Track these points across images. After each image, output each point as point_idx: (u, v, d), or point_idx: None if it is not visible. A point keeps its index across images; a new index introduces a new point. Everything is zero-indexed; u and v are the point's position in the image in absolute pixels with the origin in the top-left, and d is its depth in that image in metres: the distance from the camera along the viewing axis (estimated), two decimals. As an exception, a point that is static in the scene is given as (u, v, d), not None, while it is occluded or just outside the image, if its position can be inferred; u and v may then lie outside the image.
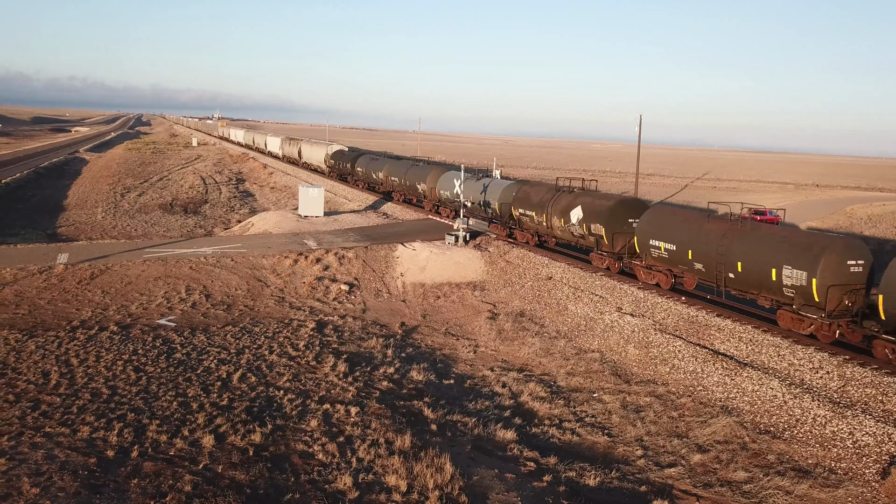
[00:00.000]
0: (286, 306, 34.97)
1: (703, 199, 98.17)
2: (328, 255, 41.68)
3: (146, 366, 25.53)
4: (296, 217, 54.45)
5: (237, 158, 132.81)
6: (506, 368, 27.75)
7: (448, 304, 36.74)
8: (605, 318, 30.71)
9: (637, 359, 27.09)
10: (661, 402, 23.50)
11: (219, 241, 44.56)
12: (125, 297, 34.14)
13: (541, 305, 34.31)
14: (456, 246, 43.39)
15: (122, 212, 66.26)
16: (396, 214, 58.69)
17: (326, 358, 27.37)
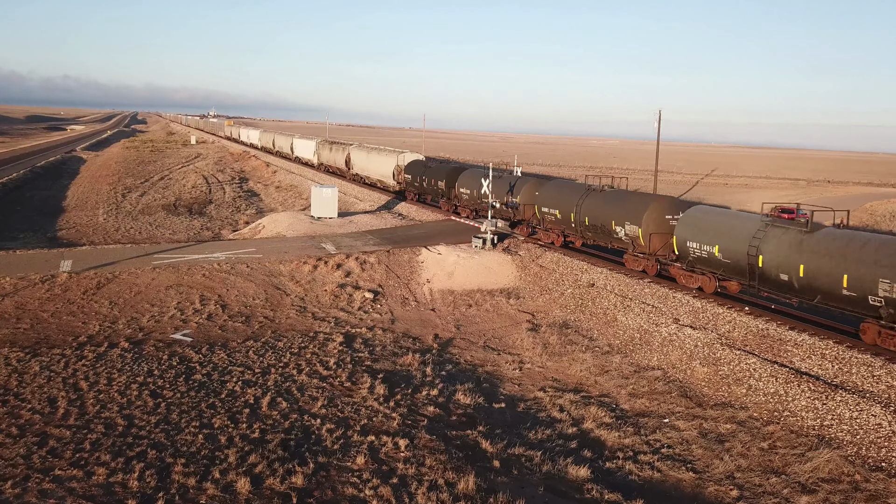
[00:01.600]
0: (309, 317, 32.37)
1: (721, 196, 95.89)
2: (349, 261, 39.07)
3: (164, 390, 22.93)
4: (308, 219, 51.80)
5: (238, 157, 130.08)
6: (559, 389, 25.18)
7: (481, 313, 34.16)
8: (661, 330, 28.14)
9: (706, 378, 24.54)
10: (746, 431, 20.94)
11: (231, 246, 41.92)
12: (135, 309, 31.51)
13: (586, 316, 31.75)
14: (484, 249, 40.79)
15: (125, 213, 63.54)
16: (412, 215, 56.08)
17: (361, 378, 24.79)
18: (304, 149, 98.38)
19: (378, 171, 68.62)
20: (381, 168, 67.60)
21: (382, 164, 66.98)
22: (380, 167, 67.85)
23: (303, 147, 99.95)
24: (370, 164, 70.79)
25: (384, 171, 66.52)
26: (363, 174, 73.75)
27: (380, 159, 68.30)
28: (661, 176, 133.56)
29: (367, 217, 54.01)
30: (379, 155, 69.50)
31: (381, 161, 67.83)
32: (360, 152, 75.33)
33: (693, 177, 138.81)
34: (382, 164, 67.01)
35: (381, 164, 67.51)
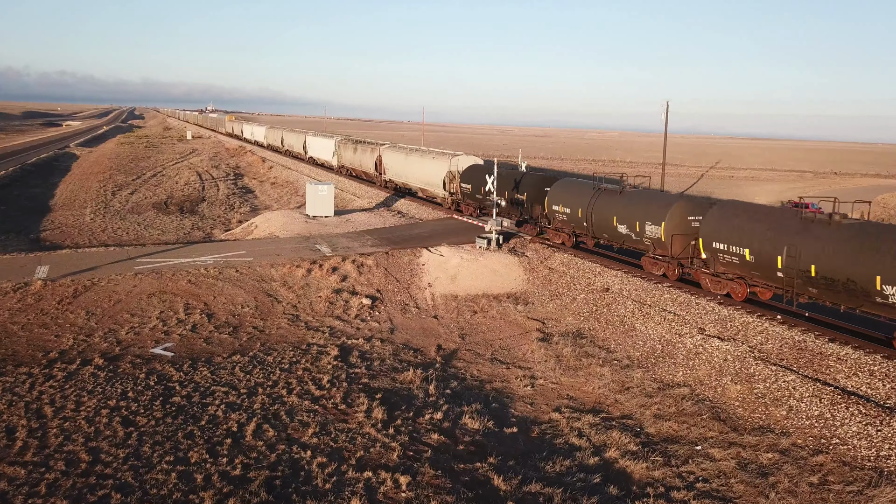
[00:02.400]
0: (302, 327, 29.98)
1: (728, 190, 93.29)
2: (345, 264, 36.66)
3: (137, 416, 20.56)
4: (303, 217, 49.40)
5: (234, 152, 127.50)
6: (576, 409, 22.80)
7: (488, 320, 31.78)
8: (685, 341, 25.75)
9: (740, 397, 22.15)
10: (791, 462, 18.56)
11: (220, 248, 39.49)
12: (113, 320, 29.12)
13: (601, 324, 29.35)
14: (489, 250, 38.39)
15: (113, 212, 61.07)
16: (413, 213, 53.64)
17: (358, 399, 22.41)
18: (321, 148, 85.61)
19: (422, 178, 55.58)
20: (426, 174, 54.65)
21: (429, 170, 54.08)
22: (424, 174, 55.01)
23: (319, 146, 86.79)
24: (410, 169, 58.16)
25: (431, 179, 53.48)
26: (400, 181, 61.47)
27: (425, 164, 55.14)
28: (665, 169, 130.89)
29: (365, 215, 51.59)
30: (424, 159, 55.89)
31: (426, 166, 54.73)
32: (396, 154, 62.25)
33: (697, 169, 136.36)
34: (429, 169, 54.07)
35: (426, 170, 54.68)
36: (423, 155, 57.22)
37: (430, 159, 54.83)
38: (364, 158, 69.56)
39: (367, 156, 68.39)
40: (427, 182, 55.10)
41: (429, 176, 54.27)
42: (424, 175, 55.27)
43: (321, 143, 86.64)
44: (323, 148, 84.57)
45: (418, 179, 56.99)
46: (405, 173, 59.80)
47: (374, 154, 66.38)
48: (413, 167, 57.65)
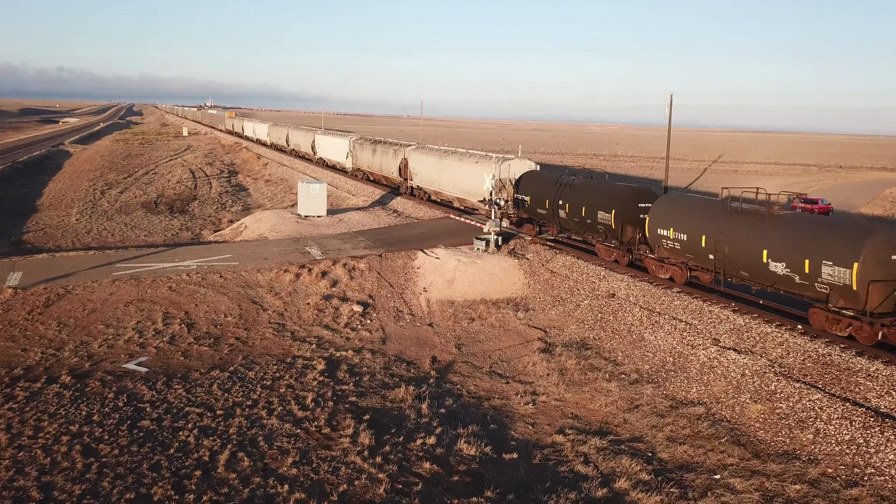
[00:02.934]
0: (287, 337, 28.13)
1: (734, 184, 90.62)
2: (336, 267, 34.80)
3: (100, 443, 18.71)
4: (295, 217, 47.53)
5: (229, 149, 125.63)
6: (581, 430, 20.95)
7: (486, 329, 29.92)
8: (699, 353, 23.89)
9: (761, 418, 20.29)
10: (823, 496, 16.69)
11: (205, 252, 37.60)
12: (87, 331, 27.28)
13: (607, 333, 27.49)
14: (487, 252, 36.52)
15: (100, 212, 59.16)
16: (409, 212, 51.77)
17: (344, 421, 20.58)
18: (333, 149, 76.66)
19: (461, 186, 46.84)
20: (466, 182, 45.81)
21: (470, 177, 45.07)
22: (464, 181, 46.15)
23: (330, 146, 77.93)
24: (445, 175, 49.52)
25: (472, 189, 44.61)
26: (430, 189, 52.71)
27: (465, 169, 46.35)
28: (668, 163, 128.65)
29: (359, 214, 49.70)
30: (463, 163, 47.00)
31: (466, 172, 45.85)
32: (426, 157, 53.20)
33: (700, 163, 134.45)
34: (470, 176, 45.08)
35: (466, 177, 45.82)
36: (462, 158, 48.14)
37: (471, 164, 45.82)
38: (385, 161, 61.02)
39: (390, 158, 60.00)
40: (467, 191, 45.95)
41: (469, 184, 44.96)
42: (464, 183, 46.10)
43: (333, 142, 77.61)
44: (335, 148, 76.17)
45: (455, 188, 47.85)
46: (438, 180, 50.97)
47: (398, 156, 58.14)
48: (449, 173, 48.94)
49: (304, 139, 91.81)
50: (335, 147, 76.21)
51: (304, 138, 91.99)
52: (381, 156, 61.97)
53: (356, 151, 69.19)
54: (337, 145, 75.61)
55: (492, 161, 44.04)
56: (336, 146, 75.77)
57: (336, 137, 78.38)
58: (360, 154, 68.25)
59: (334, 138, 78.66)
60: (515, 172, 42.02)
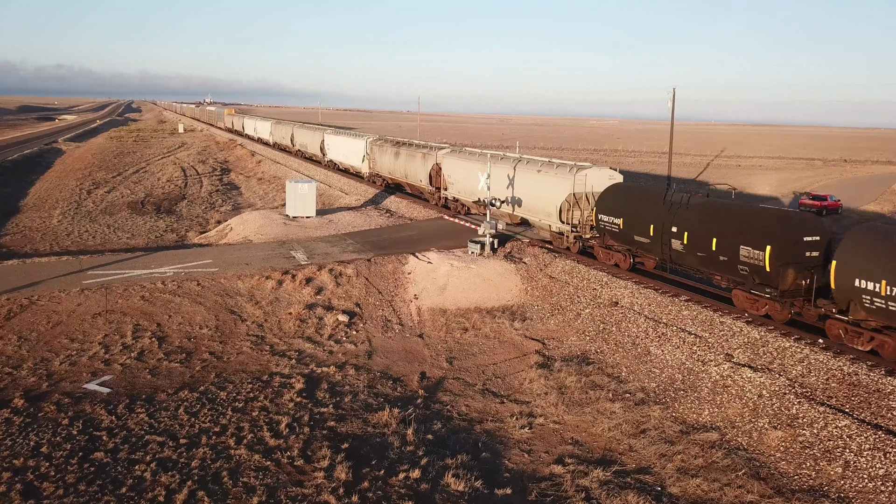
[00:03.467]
0: (266, 351, 26.14)
1: (737, 179, 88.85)
2: (322, 273, 32.79)
3: (45, 480, 16.76)
4: (283, 218, 45.51)
5: (224, 146, 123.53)
6: (582, 459, 18.94)
7: (480, 340, 27.90)
8: (710, 370, 21.87)
9: (782, 446, 18.27)
10: (857, 542, 14.67)
11: (184, 258, 35.56)
12: (49, 347, 25.29)
13: (610, 346, 25.46)
14: (482, 256, 34.49)
15: (84, 213, 57.15)
16: (402, 212, 49.76)
17: (319, 451, 18.58)
18: (346, 151, 68.12)
19: (527, 203, 37.52)
20: (528, 195, 37.31)
21: (533, 189, 36.64)
22: (532, 197, 36.90)
23: (343, 148, 69.29)
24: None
25: (542, 205, 35.79)
26: (471, 200, 43.17)
27: (529, 181, 37.11)
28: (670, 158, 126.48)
29: (350, 215, 47.66)
30: (523, 172, 37.79)
31: (533, 184, 36.71)
32: (468, 165, 43.34)
33: (702, 158, 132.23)
34: (533, 188, 36.59)
35: (534, 190, 36.59)
36: (521, 166, 38.45)
37: (532, 173, 37.10)
38: (412, 167, 52.15)
39: (418, 164, 51.03)
40: (534, 209, 36.98)
41: (539, 200, 36.20)
42: (526, 196, 37.56)
43: (346, 143, 68.64)
44: (349, 150, 67.39)
45: (513, 203, 38.80)
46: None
47: (428, 162, 48.92)
48: (503, 183, 39.45)
49: (311, 139, 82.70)
50: (349, 149, 67.46)
51: (311, 138, 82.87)
52: (407, 161, 53.15)
53: (374, 154, 60.66)
54: (351, 147, 66.86)
55: (565, 171, 34.68)
56: (350, 148, 67.07)
57: (350, 138, 69.12)
58: (379, 157, 59.52)
59: (348, 139, 69.23)
60: (594, 185, 33.65)
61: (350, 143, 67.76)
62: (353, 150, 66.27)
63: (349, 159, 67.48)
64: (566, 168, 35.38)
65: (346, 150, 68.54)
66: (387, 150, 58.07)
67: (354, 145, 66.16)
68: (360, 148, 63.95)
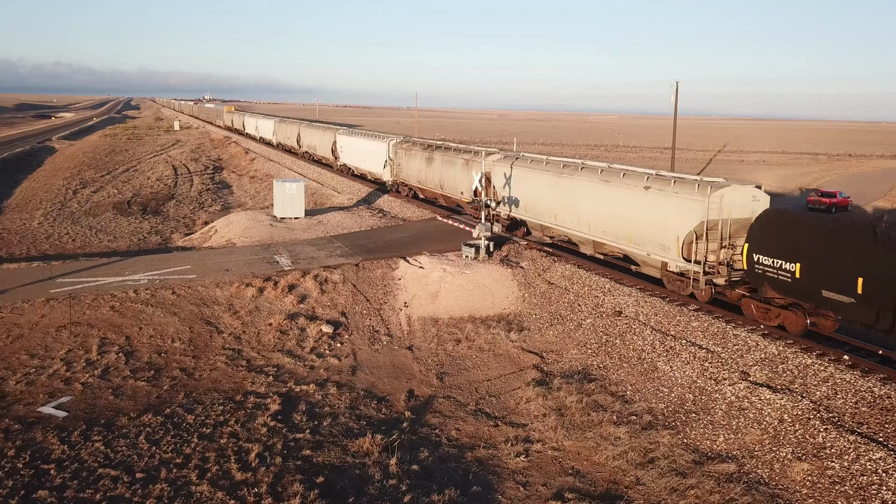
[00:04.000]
0: (242, 367, 24.18)
1: (743, 175, 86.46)
2: (306, 280, 30.83)
3: (-23, 526, 14.81)
4: (270, 220, 43.52)
5: (218, 143, 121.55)
6: (584, 494, 16.98)
7: (473, 353, 25.93)
8: (724, 390, 19.89)
9: (808, 481, 16.28)
10: None
11: (161, 263, 33.56)
12: (6, 364, 23.35)
13: (613, 360, 23.47)
14: (477, 260, 32.52)
15: (67, 215, 55.16)
16: (395, 211, 47.80)
17: (291, 487, 16.65)
18: (364, 154, 59.35)
19: (616, 226, 29.15)
20: (629, 220, 28.30)
21: (638, 213, 27.81)
22: (625, 218, 28.54)
23: (360, 151, 60.31)
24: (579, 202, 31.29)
25: (653, 235, 27.07)
26: (543, 222, 34.35)
27: (630, 201, 28.33)
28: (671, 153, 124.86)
29: (340, 215, 45.65)
30: (627, 190, 28.57)
31: (637, 206, 27.91)
32: (531, 175, 35.19)
33: (705, 153, 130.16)
34: (646, 213, 27.35)
35: (630, 212, 28.24)
36: (616, 180, 29.42)
37: (635, 190, 27.99)
38: (449, 175, 43.28)
39: (457, 171, 42.05)
40: (623, 234, 28.64)
41: (637, 223, 27.79)
42: (624, 220, 28.46)
43: (364, 146, 59.60)
44: (367, 153, 58.70)
45: (602, 228, 29.90)
46: (563, 211, 32.51)
47: (472, 170, 39.12)
48: (587, 201, 30.89)
49: (321, 140, 74.44)
50: (367, 152, 58.42)
51: (321, 139, 74.62)
52: (443, 168, 44.15)
53: (399, 159, 51.92)
54: (370, 150, 57.87)
55: (691, 189, 25.70)
56: (368, 151, 58.18)
57: (368, 140, 59.44)
58: (405, 163, 50.68)
59: (366, 141, 59.76)
60: (731, 208, 24.54)
61: (368, 146, 58.48)
62: (373, 153, 57.06)
63: (367, 164, 58.68)
64: (693, 185, 25.83)
65: (364, 153, 59.44)
66: (415, 156, 48.81)
67: (374, 148, 56.95)
68: (382, 151, 54.88)
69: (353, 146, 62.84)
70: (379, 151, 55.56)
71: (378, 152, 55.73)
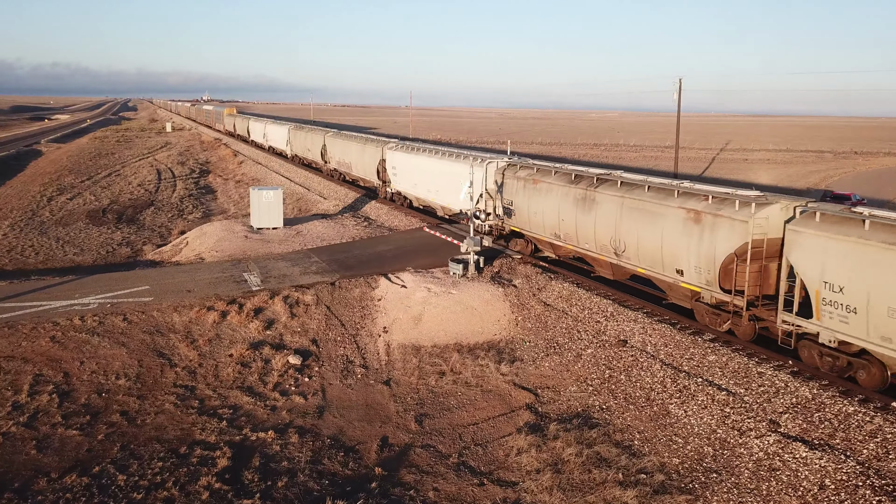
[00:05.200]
0: (193, 409, 21.10)
1: (748, 175, 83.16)
2: (274, 302, 27.74)
3: None
4: (245, 230, 40.43)
5: (208, 145, 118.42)
6: (586, 584, 13.84)
7: (459, 389, 22.83)
8: (751, 444, 16.80)
9: (862, 573, 13.19)
10: None
11: (117, 284, 30.39)
12: (-82, 409, 20.25)
13: (618, 401, 20.36)
14: (466, 278, 29.44)
15: (36, 224, 52.07)
16: (383, 219, 44.72)
17: (225, 579, 13.54)
18: (434, 178, 40.48)
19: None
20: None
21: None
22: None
23: (429, 172, 41.41)
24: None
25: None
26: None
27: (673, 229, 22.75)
28: (672, 152, 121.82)
29: (322, 225, 42.52)
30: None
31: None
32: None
33: (707, 152, 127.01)
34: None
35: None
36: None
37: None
38: (648, 233, 24.58)
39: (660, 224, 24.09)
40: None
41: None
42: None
43: (438, 168, 39.97)
44: (441, 178, 39.29)
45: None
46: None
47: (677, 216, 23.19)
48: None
49: (360, 154, 53.64)
50: (442, 176, 39.02)
51: (359, 152, 53.81)
52: (637, 220, 25.08)
53: (511, 189, 32.52)
54: (444, 173, 38.79)
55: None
56: (446, 176, 38.47)
57: (444, 161, 39.27)
58: (523, 199, 31.62)
59: (440, 162, 39.61)
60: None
61: (445, 169, 38.60)
62: (448, 177, 38.07)
63: (440, 195, 40.05)
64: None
65: (436, 177, 40.06)
66: (550, 191, 29.63)
67: (453, 171, 37.25)
68: (462, 174, 35.37)
69: (416, 167, 43.46)
70: (459, 175, 36.17)
71: (459, 176, 36.21)
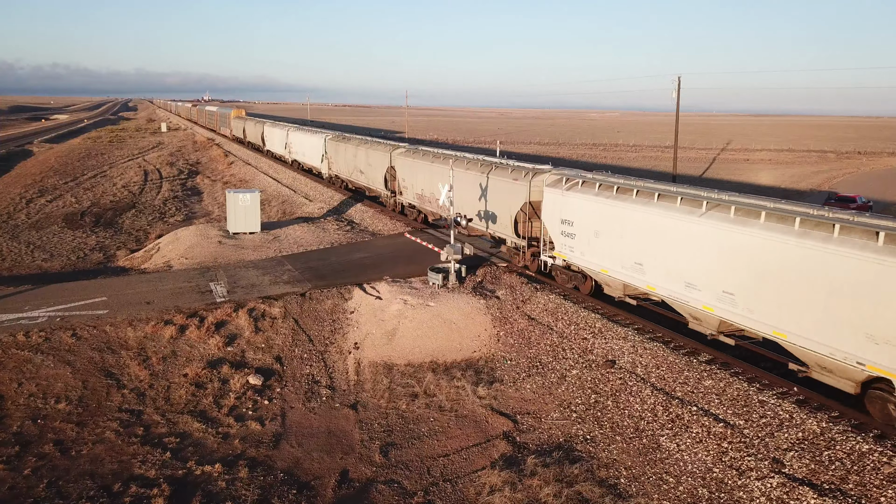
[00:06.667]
0: (136, 438, 19.11)
1: (749, 175, 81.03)
2: (238, 316, 25.76)
3: None
4: (220, 235, 38.46)
5: (200, 146, 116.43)
6: None
7: (432, 414, 20.82)
8: (752, 486, 14.79)
9: None
10: None
11: (72, 295, 28.40)
12: None
13: (604, 430, 18.33)
14: (446, 288, 27.44)
15: (9, 228, 50.10)
16: (367, 224, 42.75)
17: None
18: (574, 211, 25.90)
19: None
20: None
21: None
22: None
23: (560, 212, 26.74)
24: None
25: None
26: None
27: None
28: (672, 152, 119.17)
29: (302, 229, 40.54)
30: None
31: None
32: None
33: (708, 152, 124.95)
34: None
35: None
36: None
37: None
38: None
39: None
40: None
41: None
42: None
43: (575, 205, 26.02)
44: (578, 212, 25.76)
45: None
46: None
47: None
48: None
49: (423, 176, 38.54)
50: (577, 209, 25.86)
51: (426, 172, 38.07)
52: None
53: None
54: (602, 215, 24.64)
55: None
56: (601, 217, 24.68)
57: (576, 195, 25.88)
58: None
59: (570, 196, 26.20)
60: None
61: (580, 205, 25.87)
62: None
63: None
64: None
65: (572, 209, 26.14)
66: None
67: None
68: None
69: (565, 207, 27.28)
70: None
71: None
